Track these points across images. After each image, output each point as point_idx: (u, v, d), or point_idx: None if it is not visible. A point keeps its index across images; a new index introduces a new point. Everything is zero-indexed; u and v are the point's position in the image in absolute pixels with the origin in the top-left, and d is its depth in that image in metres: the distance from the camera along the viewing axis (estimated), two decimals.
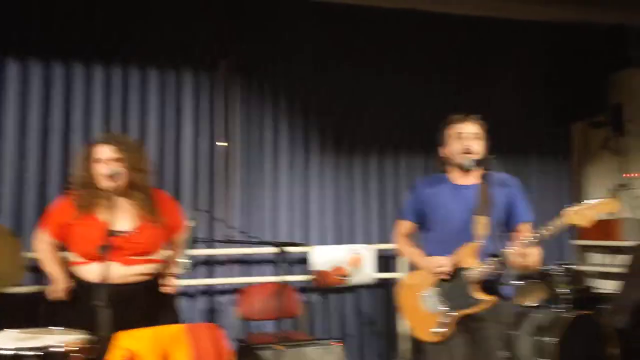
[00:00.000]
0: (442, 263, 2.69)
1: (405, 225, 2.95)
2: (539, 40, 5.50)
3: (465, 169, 2.77)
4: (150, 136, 4.50)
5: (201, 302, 4.54)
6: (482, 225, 2.66)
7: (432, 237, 2.85)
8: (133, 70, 4.48)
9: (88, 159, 2.79)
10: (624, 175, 5.55)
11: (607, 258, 5.68)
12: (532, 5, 4.17)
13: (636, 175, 5.47)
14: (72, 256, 2.83)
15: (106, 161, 2.74)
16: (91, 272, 2.69)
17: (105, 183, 2.71)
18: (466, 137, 2.76)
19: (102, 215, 2.74)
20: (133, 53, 4.47)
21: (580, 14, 4.47)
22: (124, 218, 2.71)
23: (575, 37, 5.41)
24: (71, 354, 2.33)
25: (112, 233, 2.53)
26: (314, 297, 4.80)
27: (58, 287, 2.79)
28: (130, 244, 2.69)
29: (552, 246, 5.48)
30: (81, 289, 2.76)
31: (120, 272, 2.62)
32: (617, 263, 5.52)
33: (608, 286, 5.46)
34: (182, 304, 4.28)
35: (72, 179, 2.88)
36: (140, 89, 4.50)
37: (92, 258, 2.69)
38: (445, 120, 2.89)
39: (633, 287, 4.76)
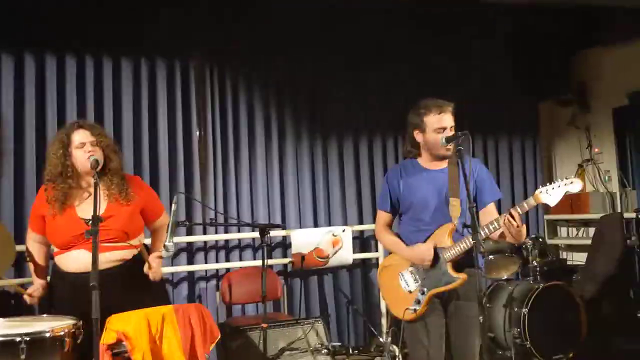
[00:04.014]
0: (425, 255, 2.77)
1: (385, 216, 3.03)
2: (506, 21, 5.61)
3: (442, 158, 2.86)
4: (125, 126, 4.51)
5: (183, 289, 4.59)
6: (455, 206, 2.77)
7: (409, 221, 2.94)
8: (106, 60, 4.47)
9: (65, 146, 2.78)
10: (589, 150, 5.74)
11: (576, 231, 5.89)
12: None
13: (597, 150, 5.66)
14: (54, 247, 2.85)
15: (88, 145, 2.75)
16: (69, 261, 2.71)
17: (85, 168, 2.72)
18: (446, 131, 2.78)
19: (77, 203, 2.75)
20: (105, 43, 4.46)
21: None
22: (98, 204, 2.62)
23: (542, 17, 5.52)
24: (58, 339, 2.37)
25: (88, 221, 2.52)
26: (294, 280, 4.88)
27: (31, 292, 2.79)
28: (103, 230, 2.64)
29: (524, 220, 5.64)
30: (60, 278, 2.77)
31: (94, 259, 2.57)
32: (585, 235, 5.73)
33: (577, 258, 5.67)
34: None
35: (48, 168, 2.82)
36: (114, 79, 4.50)
37: (69, 247, 2.71)
38: (420, 103, 2.89)
39: (599, 259, 4.97)
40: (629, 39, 5.18)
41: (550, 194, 2.59)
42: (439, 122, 2.80)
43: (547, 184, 2.64)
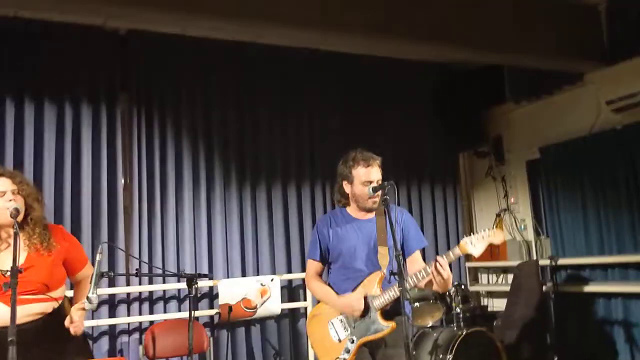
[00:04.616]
0: (355, 305, 2.80)
1: (314, 265, 3.06)
2: (427, 78, 5.94)
3: (368, 210, 2.94)
4: (46, 172, 4.35)
5: (104, 343, 4.39)
6: (383, 255, 2.84)
7: (338, 270, 2.98)
8: (28, 103, 4.35)
9: None
10: (505, 201, 6.04)
11: (496, 278, 6.12)
12: (420, 45, 4.51)
13: (512, 201, 5.98)
14: None
15: (8, 194, 2.63)
16: None
17: (4, 218, 2.60)
18: (372, 184, 2.86)
19: None
20: (28, 85, 4.35)
21: (463, 54, 4.89)
22: (16, 255, 2.45)
23: (459, 75, 5.90)
24: None
25: (5, 272, 2.40)
26: (221, 331, 4.78)
27: None
28: (23, 282, 2.47)
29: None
30: None
31: (11, 313, 2.36)
32: (504, 282, 5.96)
33: (497, 304, 5.88)
34: None
35: None
36: (36, 123, 4.37)
37: None
38: (349, 155, 2.96)
39: (517, 305, 5.17)
40: (539, 96, 5.57)
41: (474, 245, 2.70)
42: (367, 175, 2.88)
43: (471, 234, 2.74)
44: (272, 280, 4.82)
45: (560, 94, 5.41)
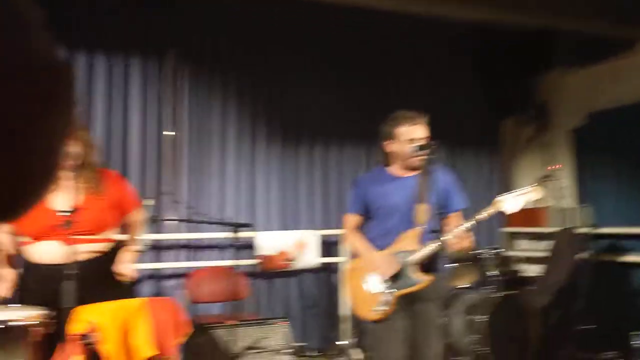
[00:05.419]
0: (386, 267, 2.87)
1: (353, 219, 3.13)
2: (473, 41, 5.83)
3: (413, 169, 2.97)
4: (97, 122, 4.52)
5: (147, 286, 4.60)
6: (422, 212, 2.89)
7: (377, 226, 3.04)
8: (79, 55, 4.48)
9: None
10: (548, 167, 5.96)
11: (533, 243, 6.11)
12: (465, 5, 4.44)
13: (558, 166, 5.89)
14: (22, 237, 2.84)
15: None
16: (40, 252, 2.72)
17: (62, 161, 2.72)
18: (418, 141, 2.90)
19: (50, 194, 2.77)
20: (81, 38, 4.47)
21: (511, 17, 4.78)
22: (71, 196, 2.69)
23: (506, 38, 5.76)
24: (31, 328, 2.39)
25: (60, 212, 2.55)
26: (260, 281, 4.94)
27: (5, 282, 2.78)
28: (77, 222, 2.65)
29: (483, 232, 5.87)
30: (30, 269, 2.78)
31: (66, 251, 2.59)
32: (541, 248, 5.94)
33: (532, 269, 5.88)
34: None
35: None
36: (87, 75, 4.51)
37: (40, 238, 2.72)
38: (394, 115, 3.01)
39: (553, 271, 5.17)
40: (588, 63, 5.44)
41: (510, 202, 2.73)
42: (412, 133, 2.92)
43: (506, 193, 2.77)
44: (309, 234, 4.94)
45: (611, 62, 5.26)
